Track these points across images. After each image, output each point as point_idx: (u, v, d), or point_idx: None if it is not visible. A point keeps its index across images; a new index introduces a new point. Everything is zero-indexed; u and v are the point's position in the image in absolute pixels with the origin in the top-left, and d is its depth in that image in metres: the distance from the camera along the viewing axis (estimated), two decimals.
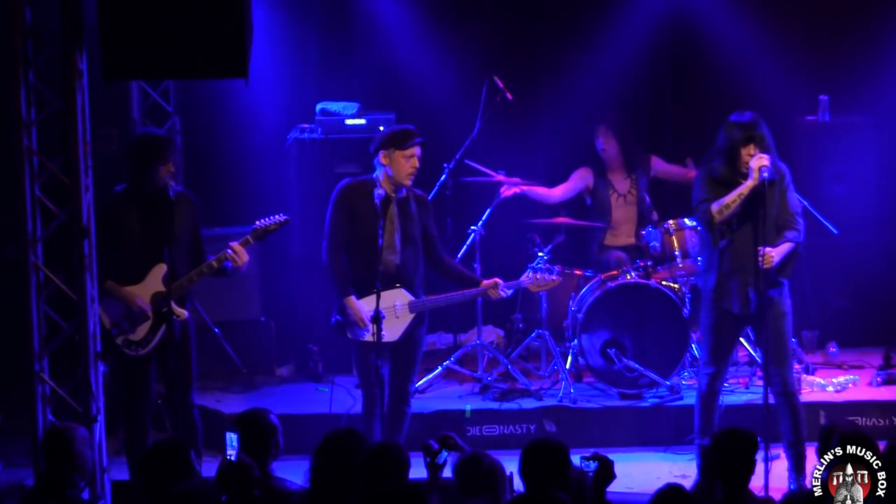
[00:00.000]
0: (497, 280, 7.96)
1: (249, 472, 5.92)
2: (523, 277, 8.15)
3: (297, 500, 5.95)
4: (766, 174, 7.48)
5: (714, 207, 7.58)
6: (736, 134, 7.59)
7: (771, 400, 7.79)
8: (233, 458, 5.90)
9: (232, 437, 6.00)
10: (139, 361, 7.61)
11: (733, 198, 7.54)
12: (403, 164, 7.74)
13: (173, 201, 7.51)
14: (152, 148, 7.57)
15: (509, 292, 8.09)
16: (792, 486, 7.79)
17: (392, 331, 7.73)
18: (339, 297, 7.79)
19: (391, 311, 7.75)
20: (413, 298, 7.84)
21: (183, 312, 7.53)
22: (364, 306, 7.72)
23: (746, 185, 7.52)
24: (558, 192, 9.82)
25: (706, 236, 7.80)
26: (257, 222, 7.72)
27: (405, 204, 7.85)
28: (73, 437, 6.25)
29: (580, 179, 9.85)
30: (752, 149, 7.57)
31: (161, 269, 7.53)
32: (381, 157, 7.75)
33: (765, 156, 7.52)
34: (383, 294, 7.65)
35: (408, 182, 7.78)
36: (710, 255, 7.81)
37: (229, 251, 7.58)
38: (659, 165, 9.87)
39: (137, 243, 7.54)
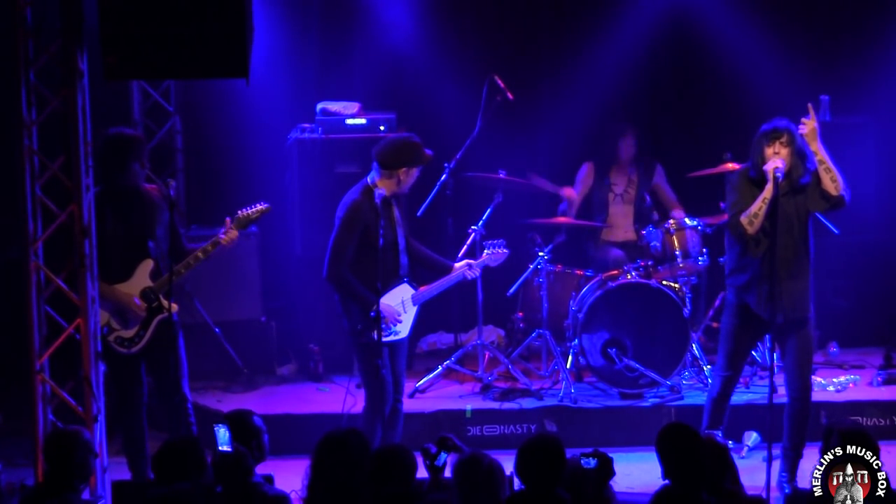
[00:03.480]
0: (469, 261, 8.06)
1: (245, 460, 5.95)
2: (483, 257, 8.23)
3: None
4: (778, 174, 7.54)
5: (743, 219, 7.63)
6: (761, 138, 7.68)
7: (783, 400, 7.82)
8: (228, 450, 5.94)
9: (220, 430, 6.03)
10: (130, 359, 7.64)
11: (759, 205, 7.59)
12: (413, 176, 7.76)
13: (148, 196, 7.65)
14: (125, 146, 7.62)
15: (478, 272, 8.18)
16: (784, 487, 7.82)
17: (404, 326, 7.78)
18: (372, 302, 7.58)
19: (401, 306, 7.78)
20: (414, 291, 7.87)
21: (172, 306, 7.54)
22: (389, 303, 7.74)
23: (767, 189, 7.57)
24: (578, 198, 9.90)
25: (739, 246, 7.80)
26: (239, 211, 7.80)
27: (400, 202, 7.92)
28: (75, 443, 6.26)
29: (587, 178, 9.88)
30: (776, 147, 7.61)
31: (148, 265, 7.62)
32: (401, 174, 7.68)
33: (778, 159, 7.57)
34: (392, 291, 7.70)
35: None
36: (740, 262, 7.82)
37: (222, 236, 7.68)
38: (660, 178, 9.88)
39: (120, 242, 7.59)
